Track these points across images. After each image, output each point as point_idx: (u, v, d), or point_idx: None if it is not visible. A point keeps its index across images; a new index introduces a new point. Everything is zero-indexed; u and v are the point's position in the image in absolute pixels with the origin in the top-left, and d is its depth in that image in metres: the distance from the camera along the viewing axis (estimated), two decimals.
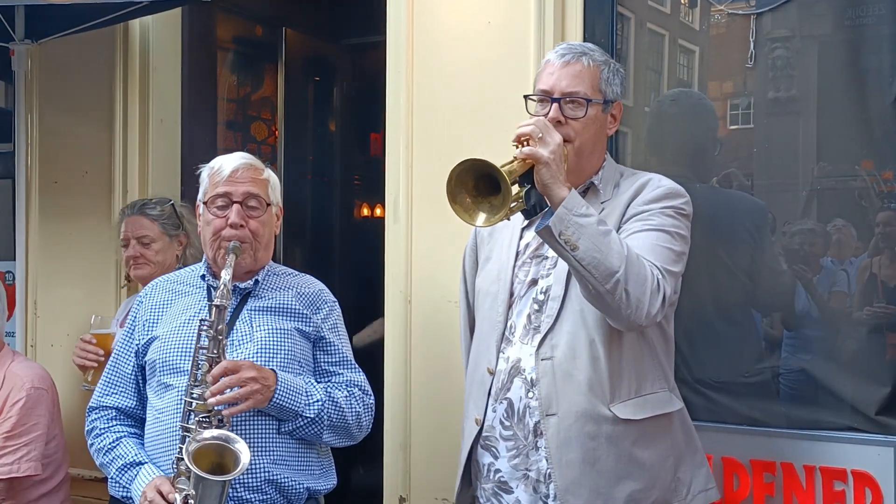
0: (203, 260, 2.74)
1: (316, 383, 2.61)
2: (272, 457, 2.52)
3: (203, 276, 2.70)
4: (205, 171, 2.71)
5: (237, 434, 2.40)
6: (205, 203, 2.66)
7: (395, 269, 3.33)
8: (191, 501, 2.35)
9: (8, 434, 3.33)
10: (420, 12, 3.31)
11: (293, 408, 2.51)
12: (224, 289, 2.47)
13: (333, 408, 2.57)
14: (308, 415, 2.53)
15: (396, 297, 3.33)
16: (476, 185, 2.18)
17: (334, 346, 2.68)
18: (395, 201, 3.33)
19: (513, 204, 2.23)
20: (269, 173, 2.73)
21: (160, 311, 2.69)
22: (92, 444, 2.68)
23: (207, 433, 2.38)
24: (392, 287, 3.34)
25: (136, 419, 2.68)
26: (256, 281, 2.67)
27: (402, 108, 3.32)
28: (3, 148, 4.47)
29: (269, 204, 2.67)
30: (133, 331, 2.72)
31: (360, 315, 4.26)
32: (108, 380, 2.73)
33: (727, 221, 2.97)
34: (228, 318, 2.53)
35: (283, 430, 2.54)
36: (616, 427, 2.31)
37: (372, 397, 2.71)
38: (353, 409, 2.62)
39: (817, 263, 2.88)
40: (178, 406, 2.48)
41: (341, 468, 2.78)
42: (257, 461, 2.48)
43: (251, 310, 2.64)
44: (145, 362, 2.65)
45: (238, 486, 2.46)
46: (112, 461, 2.61)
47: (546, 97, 2.41)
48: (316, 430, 2.56)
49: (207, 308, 2.53)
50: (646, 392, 2.37)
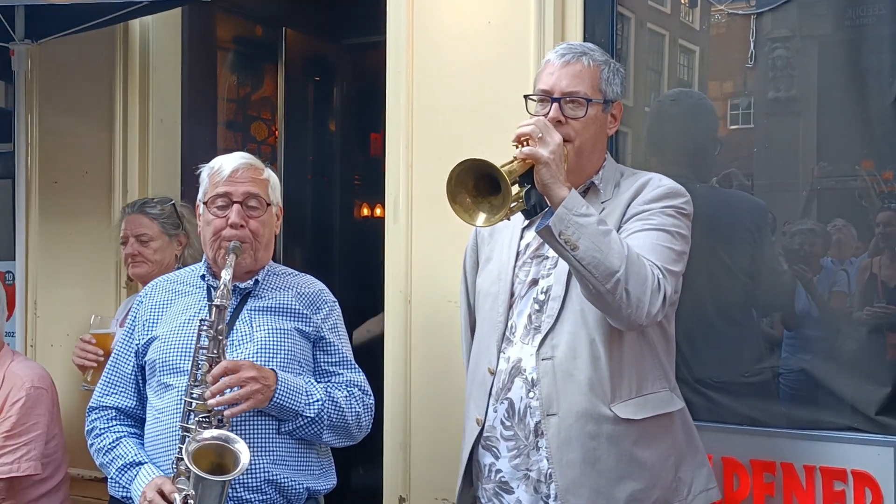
0: (203, 260, 2.74)
1: (316, 383, 2.61)
2: (272, 457, 2.52)
3: (203, 276, 2.70)
4: (205, 171, 2.71)
5: (237, 434, 2.40)
6: (205, 203, 2.66)
7: (395, 269, 3.33)
8: (190, 501, 2.34)
9: (8, 433, 3.33)
10: (420, 12, 3.31)
11: (293, 407, 2.51)
12: (224, 289, 2.47)
13: (333, 408, 2.57)
14: (308, 414, 2.53)
15: (396, 297, 3.33)
16: (476, 185, 2.18)
17: (334, 346, 2.68)
18: (395, 201, 3.33)
19: (513, 204, 2.23)
20: (269, 173, 2.73)
21: (160, 311, 2.69)
22: (92, 444, 2.68)
23: (207, 433, 2.37)
24: (392, 287, 3.34)
25: (135, 419, 2.67)
26: (256, 281, 2.67)
27: (402, 108, 3.32)
28: (3, 148, 4.47)
29: (269, 204, 2.67)
30: (133, 331, 2.71)
31: (360, 315, 4.26)
32: (107, 380, 2.73)
33: (727, 221, 2.96)
34: (228, 318, 2.53)
35: (282, 430, 2.54)
36: (617, 427, 2.31)
37: (371, 397, 2.70)
38: (353, 409, 2.62)
39: (817, 263, 2.88)
40: (178, 406, 2.48)
41: (341, 468, 2.78)
42: (257, 461, 2.48)
43: (251, 310, 2.64)
44: (145, 362, 2.65)
45: (238, 486, 2.46)
46: (112, 461, 2.61)
47: (546, 97, 2.41)
48: (316, 429, 2.56)
49: (207, 308, 2.53)
50: (646, 392, 2.37)
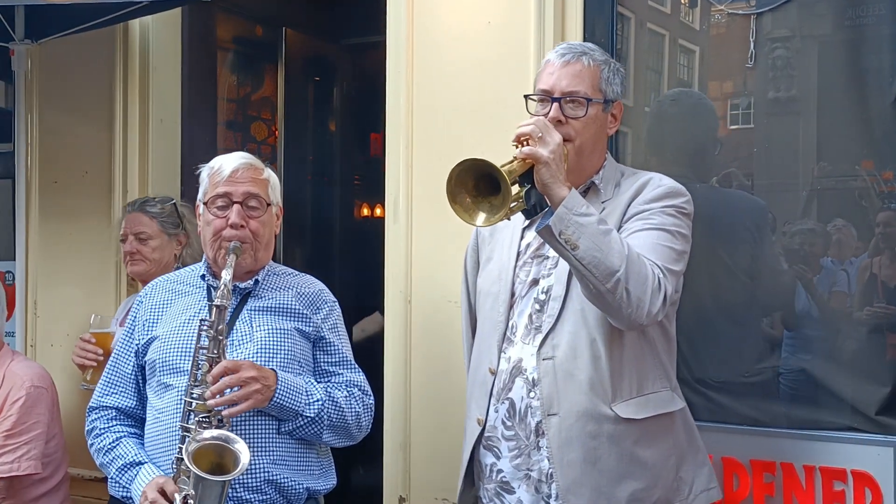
0: (203, 260, 2.74)
1: (316, 383, 2.61)
2: (272, 457, 2.52)
3: (203, 276, 2.70)
4: (205, 171, 2.71)
5: (237, 434, 2.40)
6: (205, 203, 2.66)
7: (395, 269, 3.33)
8: (190, 501, 2.34)
9: (8, 433, 3.33)
10: (420, 12, 3.31)
11: (293, 407, 2.51)
12: (224, 289, 2.47)
13: (333, 407, 2.57)
14: (308, 414, 2.53)
15: (396, 297, 3.32)
16: (476, 185, 2.18)
17: (334, 346, 2.68)
18: (395, 201, 3.33)
19: (513, 204, 2.22)
20: (269, 173, 2.73)
21: (160, 310, 2.69)
22: (92, 444, 2.68)
23: (207, 433, 2.37)
24: (392, 287, 3.34)
25: (136, 419, 2.67)
26: (256, 281, 2.66)
27: (402, 108, 3.31)
28: (3, 148, 4.47)
29: (269, 204, 2.67)
30: (133, 331, 2.71)
31: (360, 315, 4.27)
32: (107, 380, 2.72)
33: (727, 221, 2.96)
34: (228, 318, 2.53)
35: (282, 430, 2.54)
36: (618, 426, 2.31)
37: (371, 398, 2.70)
38: (353, 409, 2.62)
39: (817, 263, 2.88)
40: (178, 406, 2.48)
41: (341, 468, 2.78)
42: (257, 461, 2.48)
43: (251, 310, 2.63)
44: (145, 362, 2.65)
45: (238, 486, 2.46)
46: (112, 461, 2.61)
47: (546, 97, 2.41)
48: (316, 429, 2.55)
49: (207, 308, 2.53)
50: (647, 391, 2.37)
